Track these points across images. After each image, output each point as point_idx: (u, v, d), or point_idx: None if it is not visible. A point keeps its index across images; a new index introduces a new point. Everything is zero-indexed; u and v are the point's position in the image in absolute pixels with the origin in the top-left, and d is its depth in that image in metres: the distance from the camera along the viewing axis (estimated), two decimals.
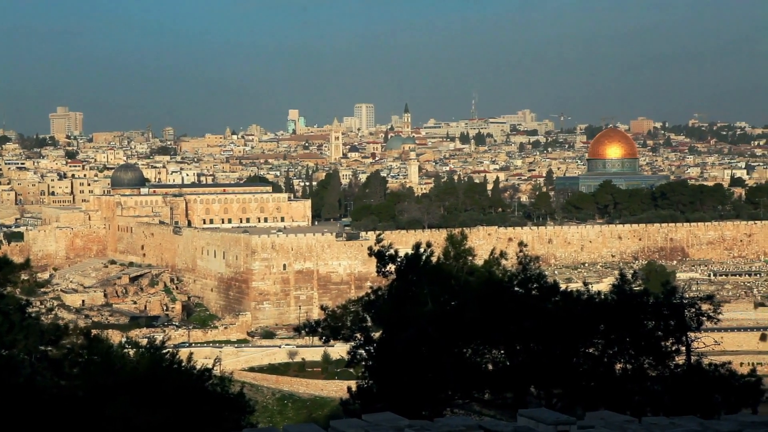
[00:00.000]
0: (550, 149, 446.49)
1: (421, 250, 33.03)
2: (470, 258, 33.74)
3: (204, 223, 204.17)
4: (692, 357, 31.51)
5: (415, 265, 32.68)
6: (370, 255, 34.28)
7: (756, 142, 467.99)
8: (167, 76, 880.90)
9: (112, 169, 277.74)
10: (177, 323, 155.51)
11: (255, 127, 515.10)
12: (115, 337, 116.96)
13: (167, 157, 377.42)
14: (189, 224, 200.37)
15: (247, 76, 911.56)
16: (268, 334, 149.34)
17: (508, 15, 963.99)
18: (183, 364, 30.19)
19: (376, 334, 32.58)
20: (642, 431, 15.17)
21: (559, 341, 30.62)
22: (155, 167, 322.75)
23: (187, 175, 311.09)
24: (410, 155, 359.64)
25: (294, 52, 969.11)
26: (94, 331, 31.75)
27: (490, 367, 31.80)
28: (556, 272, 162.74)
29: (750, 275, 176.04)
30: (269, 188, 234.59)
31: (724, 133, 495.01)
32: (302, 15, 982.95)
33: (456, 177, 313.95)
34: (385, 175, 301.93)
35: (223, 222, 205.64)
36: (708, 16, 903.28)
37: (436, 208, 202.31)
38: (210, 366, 31.53)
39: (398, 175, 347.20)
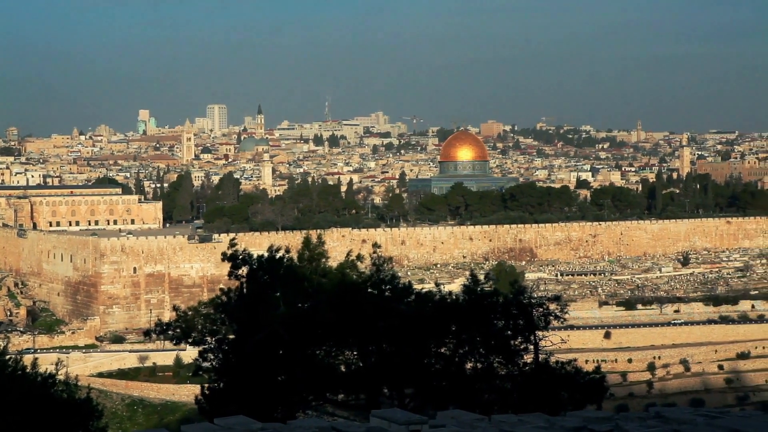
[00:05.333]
0: (403, 151, 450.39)
1: (275, 252, 32.85)
2: (324, 260, 33.73)
3: (50, 225, 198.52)
4: (540, 355, 32.21)
5: (267, 268, 32.46)
6: (223, 260, 33.79)
7: (600, 146, 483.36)
8: (10, 74, 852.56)
9: None
10: (21, 329, 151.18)
11: (104, 127, 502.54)
12: None
13: (11, 158, 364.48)
14: (34, 227, 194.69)
15: (95, 75, 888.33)
16: (118, 339, 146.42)
17: (360, 17, 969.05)
18: (27, 370, 29.33)
19: (228, 337, 32.25)
20: (491, 429, 15.38)
21: (412, 342, 30.90)
22: None
23: (33, 176, 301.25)
24: (264, 157, 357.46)
25: (144, 50, 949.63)
26: None
27: (343, 368, 31.87)
28: (409, 273, 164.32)
29: (595, 275, 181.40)
30: (119, 190, 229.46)
31: (570, 136, 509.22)
32: (153, 12, 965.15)
33: (310, 179, 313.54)
34: (238, 176, 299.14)
35: (70, 224, 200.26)
36: (552, 20, 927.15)
37: (290, 209, 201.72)
38: (55, 372, 30.68)
39: (252, 176, 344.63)
